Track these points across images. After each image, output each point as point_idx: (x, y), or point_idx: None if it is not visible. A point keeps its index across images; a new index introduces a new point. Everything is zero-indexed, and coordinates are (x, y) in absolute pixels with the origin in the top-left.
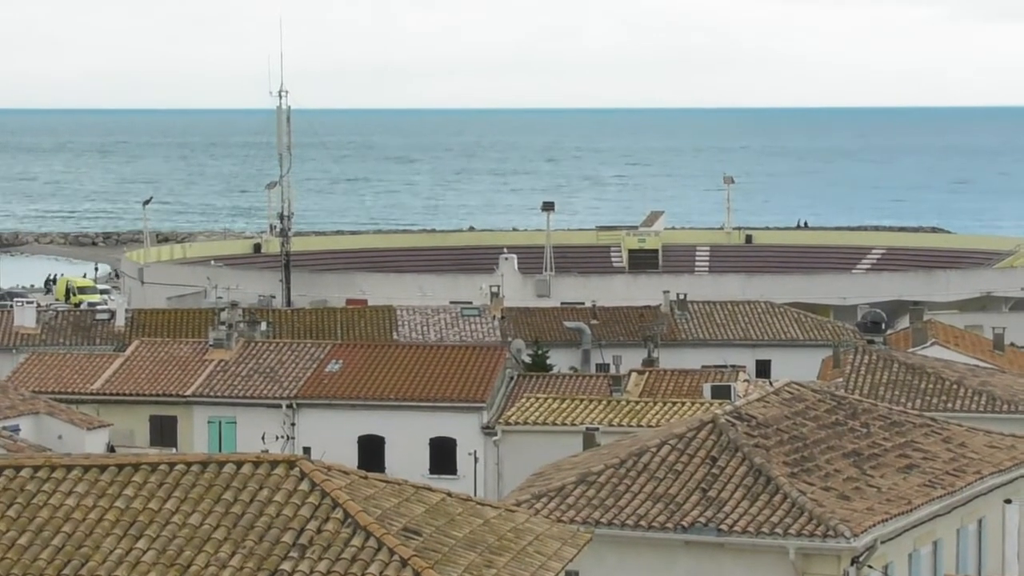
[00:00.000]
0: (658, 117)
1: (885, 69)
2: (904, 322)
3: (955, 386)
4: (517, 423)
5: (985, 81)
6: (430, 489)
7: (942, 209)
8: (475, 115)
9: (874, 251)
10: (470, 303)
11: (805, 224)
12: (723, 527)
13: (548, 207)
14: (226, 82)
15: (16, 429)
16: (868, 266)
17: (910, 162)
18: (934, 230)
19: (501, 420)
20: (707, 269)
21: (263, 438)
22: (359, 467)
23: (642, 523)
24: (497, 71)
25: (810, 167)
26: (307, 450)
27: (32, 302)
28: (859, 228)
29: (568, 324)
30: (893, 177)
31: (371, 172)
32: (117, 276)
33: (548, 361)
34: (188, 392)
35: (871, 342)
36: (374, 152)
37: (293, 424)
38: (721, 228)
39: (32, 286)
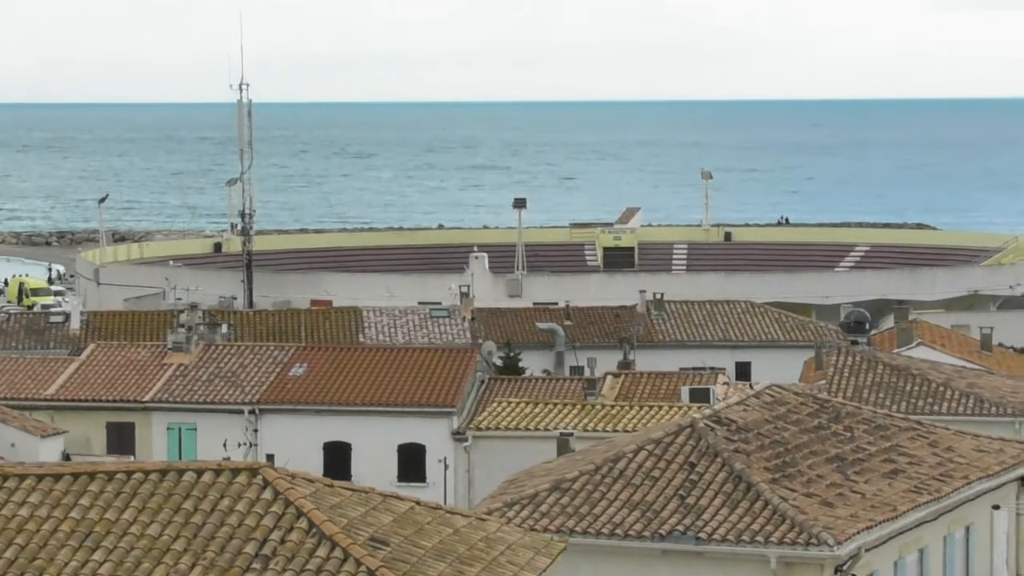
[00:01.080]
0: (630, 110)
1: (865, 60)
2: (889, 322)
3: (942, 388)
4: (488, 428)
5: (967, 72)
6: (398, 497)
7: (927, 204)
8: (443, 108)
9: (857, 248)
10: (439, 304)
11: (786, 221)
12: (702, 535)
13: (520, 204)
14: (184, 74)
15: None
16: (851, 264)
17: (892, 156)
18: (919, 226)
19: (472, 425)
20: (685, 268)
21: (224, 445)
22: (324, 475)
23: (618, 531)
24: (465, 63)
25: (790, 161)
26: (270, 457)
27: None
28: (842, 225)
29: (541, 325)
30: (875, 171)
31: (334, 168)
32: (71, 277)
33: (520, 364)
34: (146, 398)
35: (855, 343)
36: (336, 147)
37: (256, 430)
38: (699, 225)
39: None
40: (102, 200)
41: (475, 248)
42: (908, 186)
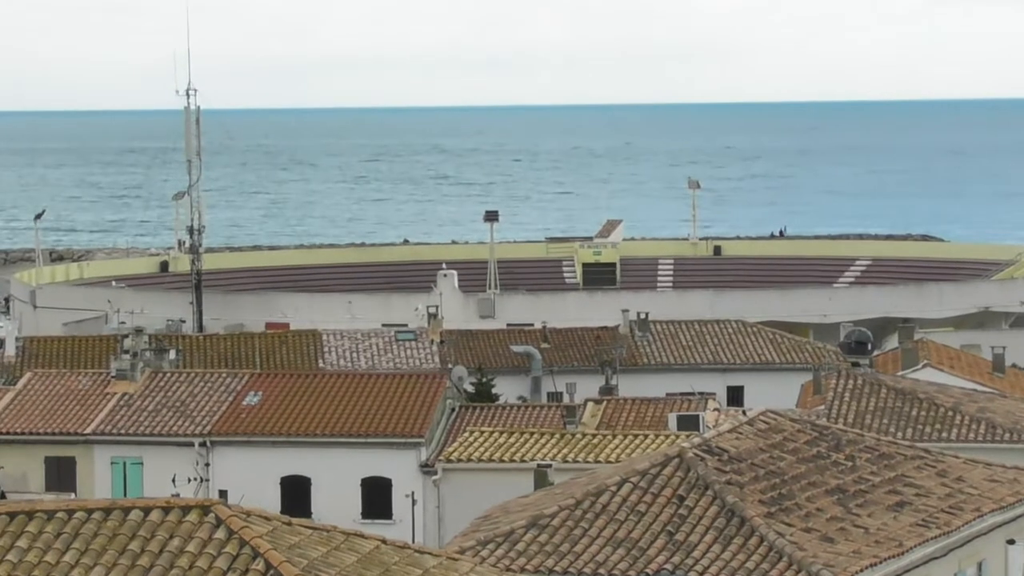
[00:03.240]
0: (608, 114)
1: (859, 59)
2: (893, 342)
3: (951, 413)
4: (460, 460)
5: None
6: (362, 536)
7: (933, 214)
8: (406, 114)
9: (858, 262)
10: (405, 326)
11: (781, 233)
12: (692, 574)
13: (491, 217)
14: (126, 80)
15: None
16: (851, 279)
17: (894, 161)
18: (925, 238)
19: (442, 457)
20: (671, 284)
21: (173, 480)
22: (282, 512)
23: (601, 571)
24: (429, 66)
25: (784, 169)
26: (223, 493)
27: None
28: (841, 237)
29: (515, 348)
30: (877, 179)
31: (288, 178)
32: (4, 300)
33: (494, 390)
34: (88, 430)
35: (856, 365)
36: (290, 156)
37: (207, 464)
38: (686, 238)
39: None
40: (38, 216)
41: (443, 265)
42: (912, 195)
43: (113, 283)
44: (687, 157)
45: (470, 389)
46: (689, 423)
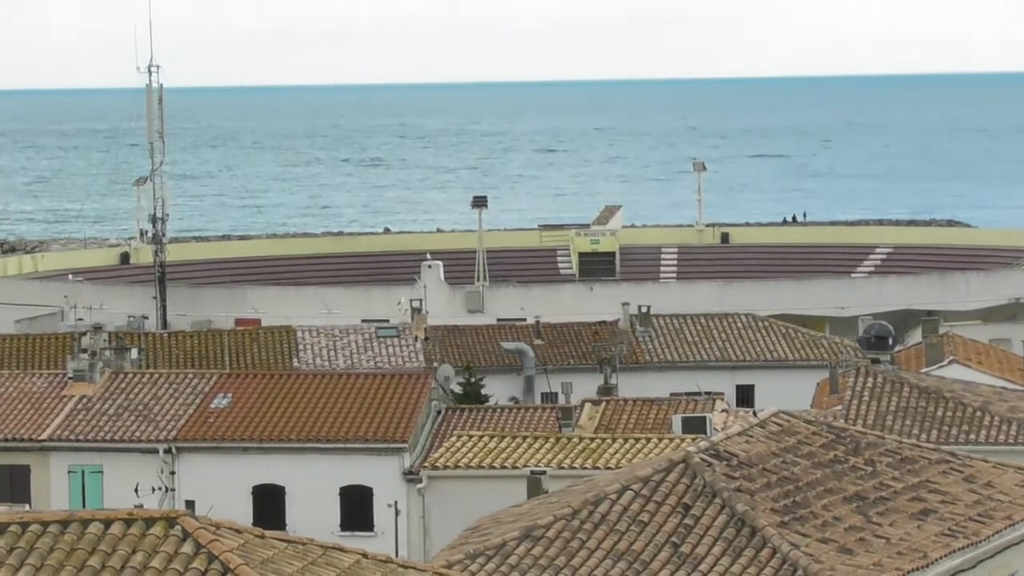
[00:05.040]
0: (601, 91)
1: (875, 32)
2: (916, 336)
3: (979, 413)
4: (446, 467)
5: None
6: (341, 549)
7: (958, 198)
8: (379, 91)
9: (878, 250)
10: (386, 321)
11: (794, 219)
12: None
13: (480, 202)
14: (83, 56)
15: None
16: (871, 269)
17: (914, 141)
18: (950, 223)
19: (427, 464)
20: (675, 275)
21: (136, 490)
22: (254, 523)
23: None
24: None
25: (797, 149)
26: (190, 504)
27: None
28: (859, 223)
29: (506, 345)
30: (896, 159)
31: (256, 161)
32: None
33: (483, 391)
34: (43, 436)
35: (876, 361)
36: (258, 137)
37: (172, 472)
38: (691, 225)
39: None
40: None
41: (428, 256)
42: (935, 177)
43: (70, 276)
44: (691, 137)
45: (457, 390)
46: (695, 425)
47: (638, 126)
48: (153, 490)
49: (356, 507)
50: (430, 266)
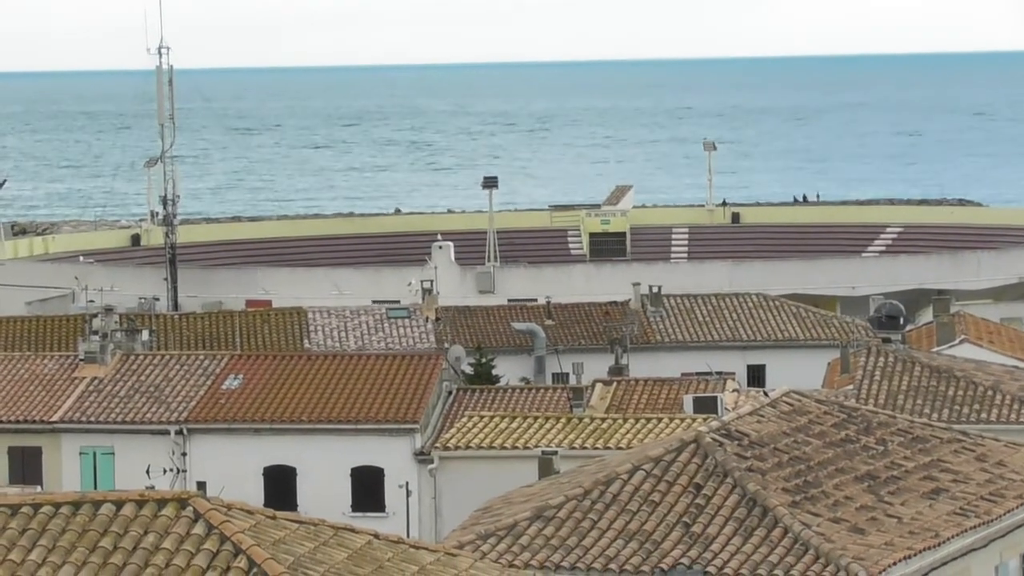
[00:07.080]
0: (612, 70)
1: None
2: (927, 315)
3: (990, 392)
4: (457, 448)
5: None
6: (352, 530)
7: (969, 177)
8: (386, 72)
9: (889, 229)
10: (397, 302)
11: (804, 199)
12: (710, 569)
13: (490, 183)
14: (92, 38)
15: None
16: (882, 248)
17: (924, 119)
18: (961, 203)
19: (438, 444)
20: (686, 255)
21: (148, 472)
22: (266, 505)
23: (612, 566)
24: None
25: (808, 129)
26: (201, 485)
27: None
28: (870, 202)
29: (517, 326)
30: (909, 139)
31: (268, 144)
32: None
33: (494, 371)
34: (55, 417)
35: (887, 340)
36: (270, 119)
37: (184, 454)
38: (702, 205)
39: None
40: None
41: (438, 236)
42: (946, 156)
43: (81, 258)
44: (701, 117)
45: (468, 370)
46: (706, 405)
47: (650, 105)
48: (164, 471)
49: (367, 488)
50: (441, 247)
